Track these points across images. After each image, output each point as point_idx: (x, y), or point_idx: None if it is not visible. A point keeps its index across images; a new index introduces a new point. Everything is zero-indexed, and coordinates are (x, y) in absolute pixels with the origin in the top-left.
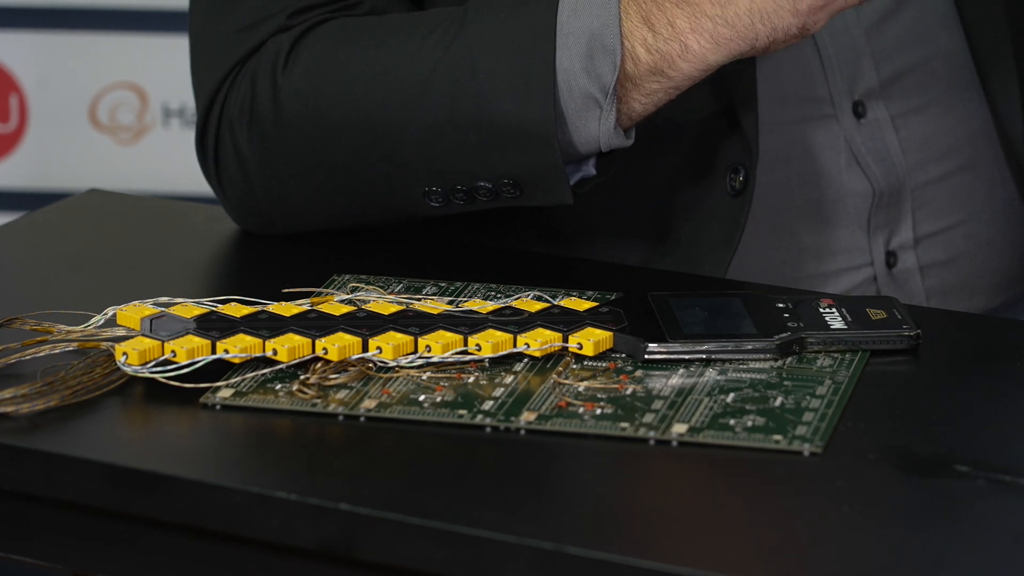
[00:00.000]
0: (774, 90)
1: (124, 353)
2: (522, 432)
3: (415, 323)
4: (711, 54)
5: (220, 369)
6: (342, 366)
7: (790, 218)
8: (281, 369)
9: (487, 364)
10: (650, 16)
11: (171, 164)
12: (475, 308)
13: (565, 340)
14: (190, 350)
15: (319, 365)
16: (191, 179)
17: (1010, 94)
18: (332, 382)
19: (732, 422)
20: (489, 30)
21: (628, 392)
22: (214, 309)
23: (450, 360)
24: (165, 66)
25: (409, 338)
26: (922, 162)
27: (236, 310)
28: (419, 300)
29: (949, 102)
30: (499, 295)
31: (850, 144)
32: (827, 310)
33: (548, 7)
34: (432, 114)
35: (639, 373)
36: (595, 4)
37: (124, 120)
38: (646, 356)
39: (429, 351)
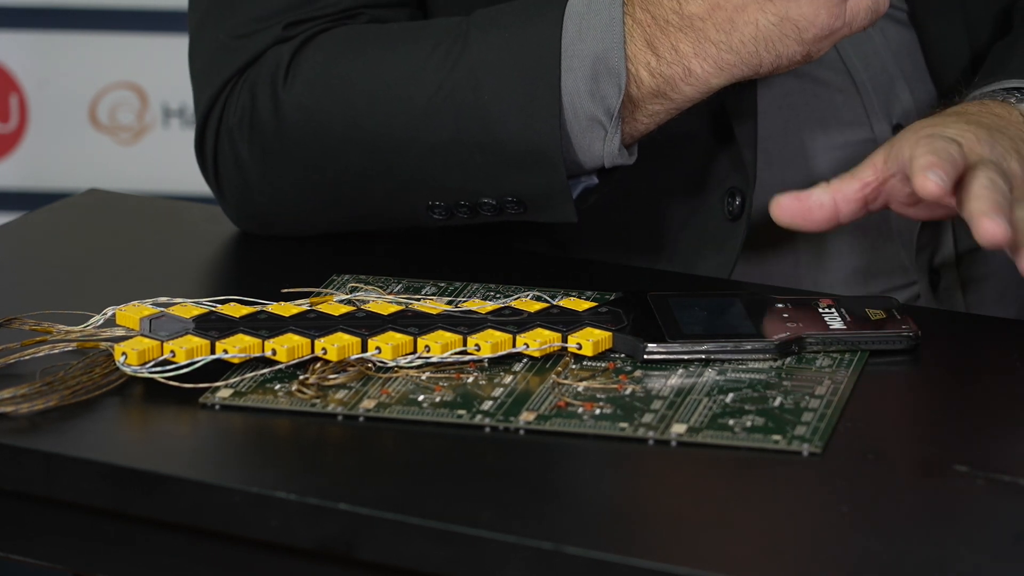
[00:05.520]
0: (813, 116)
1: (123, 353)
2: (521, 432)
3: (414, 323)
4: (714, 78)
5: (219, 369)
6: (341, 366)
7: (840, 242)
8: (280, 369)
9: (486, 364)
10: (654, 40)
11: (171, 164)
12: (474, 308)
13: (564, 340)
14: (189, 350)
15: (318, 365)
16: (191, 179)
17: None
18: (331, 382)
19: (731, 422)
20: (494, 50)
21: (627, 392)
22: (213, 309)
23: (449, 360)
24: (165, 66)
25: (408, 338)
26: None
27: (235, 310)
28: (418, 300)
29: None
30: (498, 295)
31: None
32: (826, 310)
33: (552, 28)
34: (436, 133)
35: (638, 373)
36: (599, 27)
37: (124, 120)
38: (645, 356)
39: (428, 351)
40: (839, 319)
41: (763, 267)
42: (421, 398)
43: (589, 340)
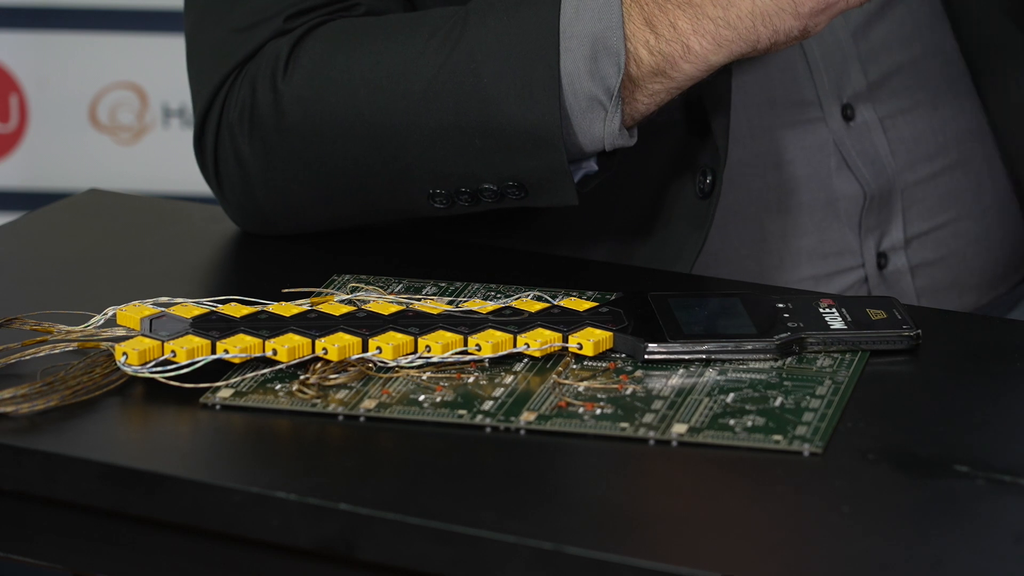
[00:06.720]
0: (762, 94)
1: (124, 353)
2: (522, 432)
3: (415, 323)
4: (713, 55)
5: (220, 369)
6: (342, 366)
7: (783, 222)
8: (281, 369)
9: (487, 364)
10: (652, 18)
11: (171, 164)
12: (475, 308)
13: (565, 340)
14: (190, 350)
15: (319, 365)
16: (191, 179)
17: (1003, 90)
18: (332, 382)
19: (732, 422)
20: (492, 33)
21: (628, 392)
22: (214, 309)
23: (450, 360)
24: (165, 66)
25: (409, 338)
26: (911, 162)
27: (236, 310)
28: (419, 300)
29: (937, 101)
30: (499, 295)
31: (839, 147)
32: (827, 310)
33: (550, 9)
34: (436, 119)
35: (639, 373)
36: (597, 6)
37: (124, 120)
38: (646, 356)
39: (429, 351)
40: (840, 319)
41: (731, 240)
42: (422, 398)
43: (590, 340)
